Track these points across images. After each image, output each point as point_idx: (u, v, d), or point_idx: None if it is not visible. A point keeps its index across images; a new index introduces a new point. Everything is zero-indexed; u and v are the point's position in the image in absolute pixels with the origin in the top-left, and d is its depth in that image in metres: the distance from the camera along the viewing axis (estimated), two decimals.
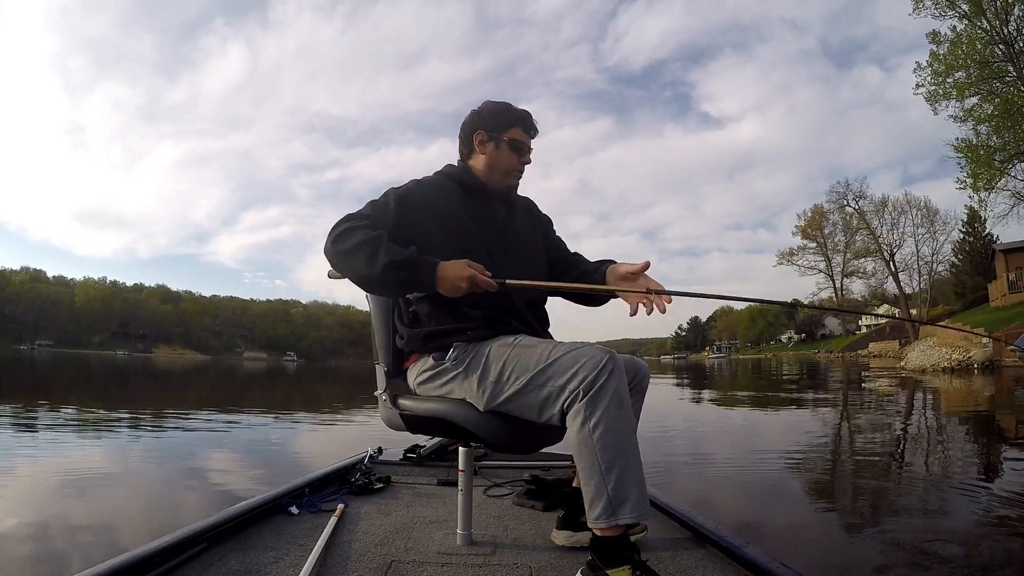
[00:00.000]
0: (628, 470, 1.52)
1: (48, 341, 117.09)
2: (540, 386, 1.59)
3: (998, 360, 20.19)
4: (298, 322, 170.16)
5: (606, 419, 1.51)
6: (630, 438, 1.55)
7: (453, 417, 1.76)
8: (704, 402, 12.66)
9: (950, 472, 4.62)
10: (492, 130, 1.92)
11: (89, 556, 2.77)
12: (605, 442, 1.51)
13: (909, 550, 2.78)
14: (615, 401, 1.52)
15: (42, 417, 8.48)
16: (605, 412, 1.51)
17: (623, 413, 1.53)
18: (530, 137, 1.97)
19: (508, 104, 1.97)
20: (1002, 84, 26.08)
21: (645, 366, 1.97)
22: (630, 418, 1.56)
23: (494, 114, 1.94)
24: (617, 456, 1.51)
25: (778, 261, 59.12)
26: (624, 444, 1.53)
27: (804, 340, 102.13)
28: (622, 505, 1.50)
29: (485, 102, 1.99)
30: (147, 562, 1.60)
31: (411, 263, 1.62)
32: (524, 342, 1.71)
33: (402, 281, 1.63)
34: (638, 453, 1.55)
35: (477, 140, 1.94)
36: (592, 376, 1.52)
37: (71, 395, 13.50)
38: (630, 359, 1.94)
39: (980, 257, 48.60)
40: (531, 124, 1.97)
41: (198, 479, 4.60)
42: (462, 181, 1.93)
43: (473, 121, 1.96)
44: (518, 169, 1.96)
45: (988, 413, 8.92)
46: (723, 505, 3.82)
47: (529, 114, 1.97)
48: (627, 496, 1.50)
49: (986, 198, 27.64)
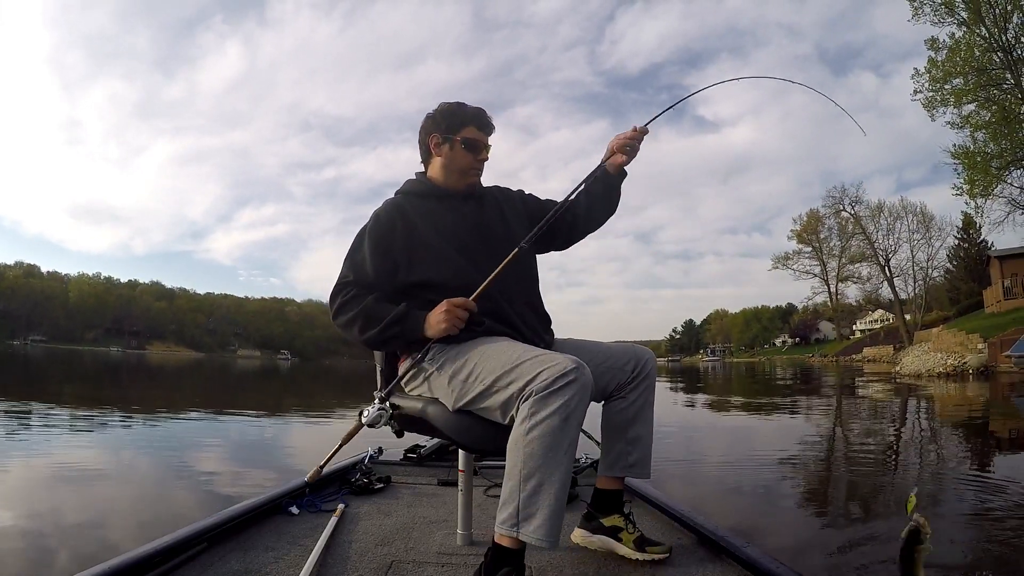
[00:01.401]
0: (545, 488, 1.46)
1: (41, 337, 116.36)
2: (505, 387, 1.55)
3: (993, 366, 20.27)
4: (293, 321, 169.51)
5: (542, 427, 1.45)
6: (560, 456, 1.47)
7: (427, 416, 1.76)
8: (698, 406, 12.69)
9: (944, 475, 4.63)
10: (446, 131, 1.92)
11: (81, 555, 2.76)
12: (533, 449, 1.46)
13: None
14: (560, 412, 1.45)
15: (35, 414, 8.43)
16: (546, 419, 1.45)
17: (564, 428, 1.46)
18: (486, 134, 1.97)
19: (461, 103, 1.97)
20: (1000, 91, 26.13)
21: (648, 353, 1.98)
22: (569, 436, 1.48)
23: (446, 115, 1.94)
24: (539, 469, 1.46)
25: (773, 265, 59.26)
26: (552, 460, 1.46)
27: (798, 344, 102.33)
28: (528, 520, 1.46)
29: (440, 104, 1.98)
30: (147, 562, 1.60)
31: (399, 319, 1.72)
32: (499, 344, 1.69)
33: (396, 335, 1.73)
34: (564, 477, 1.48)
35: (433, 143, 1.95)
36: (550, 380, 1.47)
37: (64, 392, 13.44)
38: (631, 347, 1.99)
39: (975, 263, 48.80)
40: (485, 121, 1.97)
41: (192, 480, 4.59)
42: (420, 193, 1.94)
43: (427, 125, 1.97)
44: (475, 167, 1.96)
45: (982, 418, 8.96)
46: (722, 505, 3.83)
47: (483, 111, 1.97)
48: (535, 513, 1.45)
49: (983, 205, 27.71)
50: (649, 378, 1.95)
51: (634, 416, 1.93)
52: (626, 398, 1.92)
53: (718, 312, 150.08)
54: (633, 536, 1.90)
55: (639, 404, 1.93)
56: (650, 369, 1.96)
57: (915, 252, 50.53)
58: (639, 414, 1.93)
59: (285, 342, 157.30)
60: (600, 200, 2.08)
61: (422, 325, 1.71)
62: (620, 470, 1.94)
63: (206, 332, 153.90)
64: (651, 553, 1.85)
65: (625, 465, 1.94)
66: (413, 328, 1.72)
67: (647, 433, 1.95)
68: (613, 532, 1.92)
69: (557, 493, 1.46)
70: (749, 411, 11.04)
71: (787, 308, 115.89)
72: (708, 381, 25.35)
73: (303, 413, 10.38)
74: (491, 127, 1.99)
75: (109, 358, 52.52)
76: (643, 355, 1.97)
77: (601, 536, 1.94)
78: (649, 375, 1.95)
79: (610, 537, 1.92)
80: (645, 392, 1.93)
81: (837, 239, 56.55)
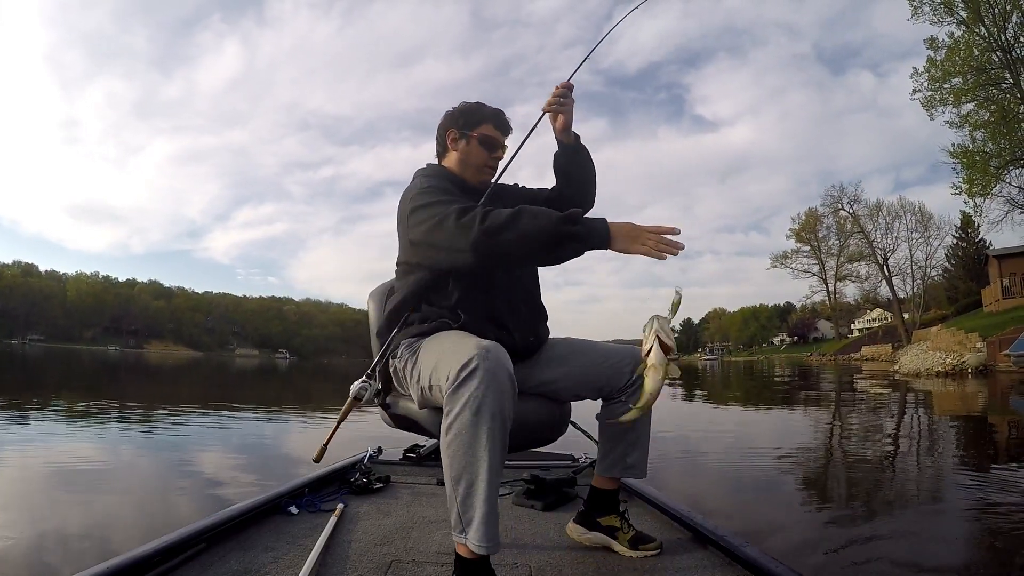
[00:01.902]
0: (475, 489, 1.41)
1: (39, 336, 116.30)
2: (438, 386, 1.53)
3: (992, 364, 20.31)
4: (291, 319, 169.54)
5: (456, 424, 1.41)
6: (479, 452, 1.40)
7: (408, 413, 1.79)
8: (697, 403, 12.69)
9: (943, 474, 4.64)
10: (463, 127, 1.95)
11: (74, 554, 2.75)
12: (454, 449, 1.41)
13: (902, 553, 2.79)
14: (470, 405, 1.39)
15: (31, 413, 8.42)
16: (458, 416, 1.40)
17: (477, 421, 1.39)
18: (503, 134, 1.99)
19: (481, 103, 2.00)
20: (999, 91, 26.21)
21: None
22: (486, 429, 1.39)
23: (465, 112, 1.98)
24: (465, 469, 1.41)
25: (772, 264, 59.61)
26: (472, 458, 1.40)
27: (796, 343, 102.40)
28: (469, 525, 1.42)
29: (461, 101, 2.02)
30: (147, 562, 1.59)
31: (575, 217, 1.53)
32: (447, 337, 1.68)
33: (575, 234, 1.52)
34: (491, 475, 1.41)
35: (450, 138, 1.97)
36: (453, 375, 1.42)
37: (62, 391, 13.42)
38: (631, 349, 1.90)
39: (973, 262, 48.89)
40: (503, 121, 1.99)
41: (192, 479, 4.57)
42: (448, 178, 1.95)
43: (445, 121, 1.99)
44: (489, 165, 1.98)
45: (982, 416, 8.98)
46: (720, 504, 3.83)
47: (501, 112, 2.00)
48: (472, 517, 1.41)
49: (981, 204, 27.78)
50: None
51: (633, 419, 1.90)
52: (625, 402, 1.87)
53: (716, 311, 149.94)
54: (628, 535, 1.91)
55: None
56: None
57: (914, 251, 50.79)
58: (638, 417, 1.88)
59: (283, 341, 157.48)
60: (573, 172, 2.05)
61: (607, 229, 1.55)
62: (618, 471, 1.95)
63: (204, 331, 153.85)
64: (644, 550, 1.87)
65: (623, 467, 1.94)
66: (596, 227, 1.55)
67: (645, 435, 1.95)
68: (610, 532, 1.93)
69: (486, 493, 1.41)
70: (748, 408, 11.05)
71: (785, 307, 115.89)
72: (707, 379, 25.36)
73: (302, 411, 10.36)
74: (508, 128, 2.01)
75: (107, 357, 52.44)
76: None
77: (598, 534, 1.95)
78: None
79: (607, 536, 1.93)
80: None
81: (835, 238, 56.83)
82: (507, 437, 1.44)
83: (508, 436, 1.45)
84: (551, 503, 2.43)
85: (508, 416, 1.43)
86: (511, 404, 1.44)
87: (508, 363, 1.46)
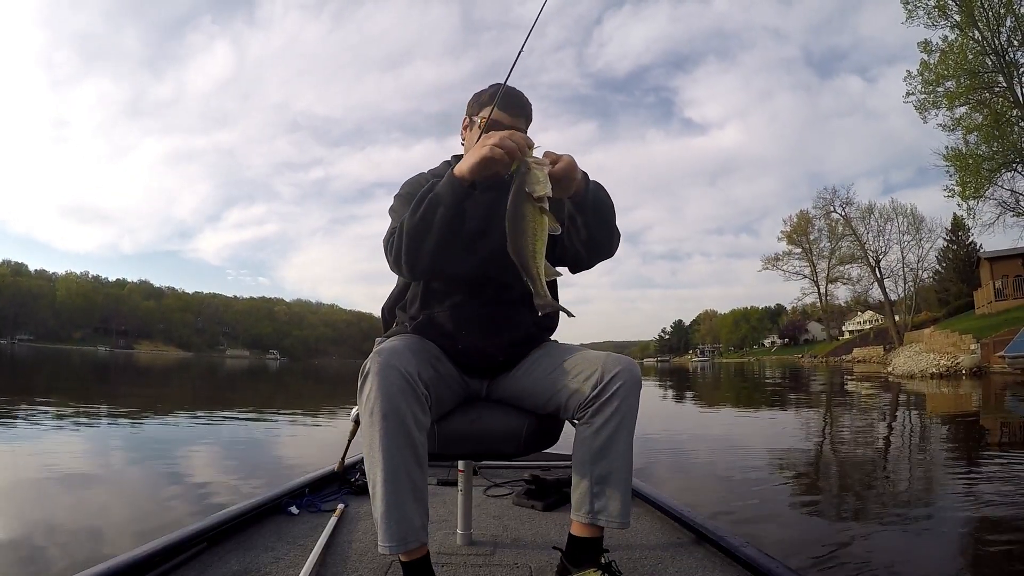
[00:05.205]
0: (376, 491, 1.36)
1: (28, 336, 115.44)
2: None
3: (986, 366, 20.41)
4: (281, 320, 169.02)
5: (363, 429, 1.38)
6: (375, 455, 1.35)
7: None
8: (688, 404, 12.72)
9: (944, 474, 4.66)
10: (472, 114, 1.87)
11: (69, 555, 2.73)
12: (370, 456, 1.37)
13: (899, 553, 2.80)
14: (366, 410, 1.35)
15: (21, 413, 8.35)
16: (363, 421, 1.38)
17: (371, 423, 1.34)
18: (511, 116, 1.76)
19: (494, 84, 1.83)
20: (992, 94, 26.39)
21: (622, 364, 1.53)
22: (379, 431, 1.34)
23: (475, 97, 1.88)
24: (369, 473, 1.38)
25: (763, 266, 59.77)
26: (372, 461, 1.36)
27: (787, 344, 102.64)
28: (377, 526, 1.38)
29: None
30: (147, 562, 1.58)
31: (429, 188, 1.52)
32: (395, 344, 1.59)
33: (434, 201, 1.49)
34: (385, 475, 1.34)
35: (463, 126, 1.92)
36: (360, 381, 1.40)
37: (51, 391, 13.32)
38: (602, 356, 1.57)
39: (964, 265, 49.18)
40: (508, 102, 1.75)
41: (187, 484, 4.53)
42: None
43: (466, 109, 1.91)
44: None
45: (975, 416, 9.03)
46: (719, 503, 3.83)
47: (509, 91, 1.76)
48: (377, 518, 1.37)
49: (974, 207, 27.95)
50: (620, 397, 1.48)
51: (601, 448, 1.49)
52: (590, 423, 1.50)
53: (707, 312, 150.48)
54: None
55: (606, 433, 1.48)
56: (620, 385, 1.48)
57: (905, 253, 50.90)
58: (607, 445, 1.49)
59: (274, 341, 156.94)
60: (592, 221, 1.67)
61: (455, 177, 1.48)
62: (585, 515, 1.51)
63: (194, 332, 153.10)
64: None
65: (590, 510, 1.50)
66: (448, 182, 1.49)
67: (620, 469, 1.50)
68: None
69: (383, 492, 1.35)
70: (741, 411, 11.08)
71: (776, 309, 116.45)
72: (698, 381, 25.41)
73: (309, 412, 10.33)
74: (518, 108, 1.79)
75: (97, 357, 52.12)
76: (612, 367, 1.51)
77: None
78: (618, 393, 1.48)
79: None
80: (615, 416, 1.48)
81: (827, 240, 57.00)
82: (412, 434, 1.36)
83: (413, 433, 1.37)
84: (551, 503, 2.43)
85: (408, 413, 1.36)
86: (410, 401, 1.36)
87: (402, 361, 1.39)
